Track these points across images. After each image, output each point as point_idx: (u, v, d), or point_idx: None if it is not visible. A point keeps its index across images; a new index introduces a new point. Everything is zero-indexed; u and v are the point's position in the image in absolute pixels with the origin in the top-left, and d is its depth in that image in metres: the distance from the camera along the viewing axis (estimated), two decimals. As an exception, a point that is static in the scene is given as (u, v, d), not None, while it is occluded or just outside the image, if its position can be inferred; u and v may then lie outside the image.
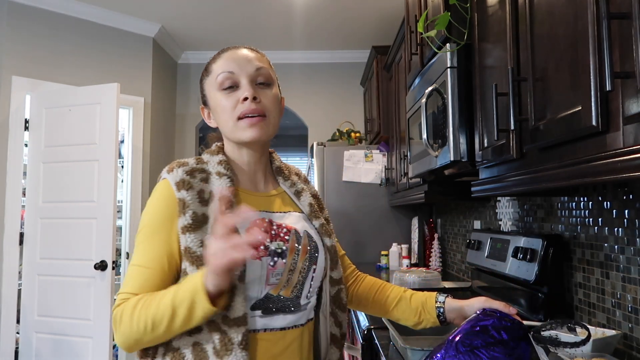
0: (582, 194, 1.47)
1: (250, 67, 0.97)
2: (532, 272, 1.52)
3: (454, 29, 1.49)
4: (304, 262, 0.96)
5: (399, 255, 3.14)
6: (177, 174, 0.92)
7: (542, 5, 0.99)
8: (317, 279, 0.99)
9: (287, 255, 0.93)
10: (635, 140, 0.70)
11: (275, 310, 0.91)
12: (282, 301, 0.92)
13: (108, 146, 2.96)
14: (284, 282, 0.92)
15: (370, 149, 3.45)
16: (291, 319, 0.93)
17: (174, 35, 3.99)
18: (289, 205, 1.05)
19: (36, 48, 3.17)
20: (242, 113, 0.95)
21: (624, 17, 0.69)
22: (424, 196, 2.27)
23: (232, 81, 0.97)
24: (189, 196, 0.89)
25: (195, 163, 0.96)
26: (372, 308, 1.15)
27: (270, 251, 0.91)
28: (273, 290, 0.91)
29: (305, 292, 0.96)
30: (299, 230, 0.99)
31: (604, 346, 1.14)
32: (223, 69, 0.97)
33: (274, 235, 0.94)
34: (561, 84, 0.90)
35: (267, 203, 1.01)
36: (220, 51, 1.03)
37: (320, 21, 3.71)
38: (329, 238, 1.04)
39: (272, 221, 0.96)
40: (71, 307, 2.94)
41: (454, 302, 1.05)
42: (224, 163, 0.97)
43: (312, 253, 0.98)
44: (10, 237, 2.99)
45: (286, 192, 1.07)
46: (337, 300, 1.03)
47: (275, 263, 0.91)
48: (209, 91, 1.01)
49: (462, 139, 1.46)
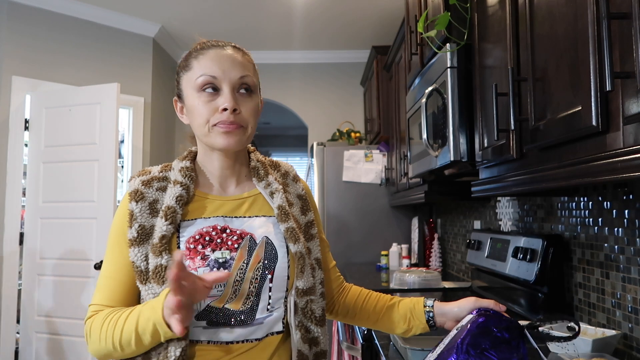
0: (582, 194, 1.47)
1: (234, 73, 0.91)
2: (532, 272, 1.52)
3: (454, 29, 1.49)
4: (255, 272, 0.89)
5: (399, 255, 3.13)
6: (133, 184, 0.92)
7: (542, 5, 0.99)
8: (278, 289, 0.91)
9: (232, 265, 0.87)
10: (635, 140, 0.70)
11: (220, 323, 0.87)
12: (230, 314, 0.87)
13: (108, 146, 2.96)
14: (229, 294, 0.87)
15: (370, 149, 3.45)
16: (240, 333, 0.87)
17: (174, 35, 3.99)
18: (260, 209, 0.98)
19: (36, 48, 3.17)
20: (218, 122, 0.90)
21: (624, 17, 0.69)
22: (424, 196, 2.27)
23: (213, 85, 0.91)
24: (137, 208, 0.88)
25: (158, 171, 0.96)
26: (359, 319, 1.09)
27: (209, 261, 0.86)
28: (216, 303, 0.86)
29: (262, 304, 0.89)
30: (257, 236, 0.92)
31: (604, 346, 1.14)
32: (205, 71, 0.91)
33: (219, 243, 0.89)
34: (561, 84, 0.90)
35: (231, 207, 0.95)
36: (203, 45, 0.95)
37: (320, 21, 3.71)
38: (296, 244, 0.93)
39: (228, 227, 0.91)
40: (71, 307, 2.95)
41: (443, 306, 0.99)
42: (185, 170, 0.95)
43: (267, 261, 0.91)
44: (10, 237, 2.99)
45: (262, 193, 1.00)
46: (308, 313, 0.93)
47: None
48: (185, 87, 0.94)
49: (462, 139, 1.46)
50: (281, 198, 0.98)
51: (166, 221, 0.87)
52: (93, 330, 0.84)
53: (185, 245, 0.88)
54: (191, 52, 0.96)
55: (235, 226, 0.92)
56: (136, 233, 0.86)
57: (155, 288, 0.84)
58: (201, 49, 0.95)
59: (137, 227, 0.87)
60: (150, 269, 0.84)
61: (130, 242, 0.86)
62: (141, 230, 0.87)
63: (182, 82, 0.96)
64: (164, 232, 0.86)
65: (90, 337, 0.85)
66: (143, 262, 0.85)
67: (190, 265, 0.85)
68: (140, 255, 0.86)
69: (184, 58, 0.97)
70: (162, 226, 0.87)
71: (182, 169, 0.95)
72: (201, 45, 0.96)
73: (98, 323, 0.84)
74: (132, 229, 0.87)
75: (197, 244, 0.88)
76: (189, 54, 0.97)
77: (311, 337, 0.94)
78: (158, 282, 0.83)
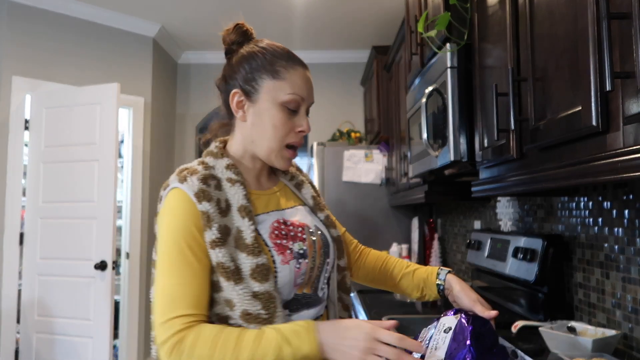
0: (582, 194, 1.47)
1: (312, 97, 0.97)
2: (532, 272, 1.52)
3: (454, 29, 1.49)
4: (320, 258, 0.97)
5: (399, 255, 3.13)
6: (193, 184, 0.86)
7: (542, 5, 0.99)
8: (329, 270, 1.02)
9: (307, 254, 0.94)
10: (635, 140, 0.70)
11: (299, 307, 0.93)
12: (305, 298, 0.94)
13: (108, 146, 2.96)
14: (306, 281, 0.94)
15: (370, 149, 3.45)
16: (313, 312, 0.95)
17: (174, 35, 3.99)
18: (292, 200, 1.04)
19: (36, 48, 3.17)
20: (293, 142, 0.95)
21: (624, 17, 0.69)
22: (424, 196, 2.27)
23: (298, 106, 0.94)
24: (211, 208, 0.85)
25: (203, 169, 0.90)
26: (377, 281, 1.18)
27: (295, 254, 0.91)
28: (298, 290, 0.93)
29: (320, 284, 0.98)
30: (310, 225, 0.99)
31: (604, 346, 1.14)
32: (297, 91, 0.93)
33: (292, 236, 0.93)
34: (561, 84, 0.90)
35: (274, 201, 0.99)
36: (290, 55, 0.96)
37: (320, 21, 3.71)
38: (335, 229, 1.05)
39: (287, 220, 0.96)
40: (71, 307, 2.94)
41: (453, 284, 1.05)
42: (233, 167, 0.93)
43: (325, 248, 0.99)
44: (10, 237, 2.99)
45: (287, 185, 1.07)
46: (342, 285, 1.05)
47: (301, 264, 0.92)
48: (265, 93, 0.93)
49: (462, 139, 1.46)
50: (310, 189, 1.08)
51: (249, 221, 0.88)
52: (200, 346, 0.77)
53: (272, 241, 0.90)
54: (277, 56, 0.95)
55: (288, 218, 0.97)
56: (219, 234, 0.84)
57: (254, 286, 0.84)
58: (291, 60, 0.95)
59: (217, 228, 0.84)
60: (248, 268, 0.84)
61: (213, 243, 0.84)
62: (221, 230, 0.85)
63: (263, 85, 0.94)
64: (253, 232, 0.87)
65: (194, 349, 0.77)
66: (231, 262, 0.84)
67: (283, 260, 0.89)
68: (227, 256, 0.84)
69: (269, 61, 0.94)
70: (249, 226, 0.87)
71: (229, 167, 0.93)
72: (289, 55, 0.96)
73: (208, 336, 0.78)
74: (212, 230, 0.84)
75: (277, 239, 0.91)
76: (275, 57, 0.95)
77: (345, 305, 1.05)
78: (260, 280, 0.84)
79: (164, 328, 0.79)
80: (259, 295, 0.83)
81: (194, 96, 4.43)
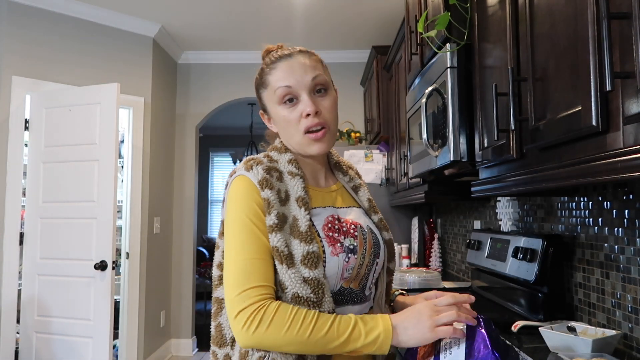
0: (582, 194, 1.47)
1: (307, 77, 0.98)
2: (532, 272, 1.52)
3: (454, 29, 1.49)
4: (370, 257, 1.01)
5: (399, 255, 3.13)
6: (257, 173, 0.94)
7: (542, 5, 0.99)
8: (378, 271, 1.05)
9: (357, 251, 0.97)
10: (635, 140, 0.70)
11: (344, 301, 0.96)
12: (351, 293, 0.97)
13: (108, 146, 2.96)
14: (354, 276, 0.97)
15: (370, 149, 3.45)
16: (358, 309, 0.98)
17: (174, 35, 3.99)
18: (348, 201, 1.09)
19: (36, 48, 3.17)
20: (306, 127, 0.97)
21: (624, 17, 0.69)
22: (424, 196, 2.27)
23: (292, 95, 0.98)
24: (272, 196, 0.92)
25: (268, 161, 0.98)
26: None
27: (344, 248, 0.95)
28: (345, 283, 0.96)
29: (368, 283, 1.01)
30: (363, 225, 1.03)
31: (604, 346, 1.14)
32: (280, 83, 0.98)
33: (345, 232, 0.98)
34: (561, 84, 0.90)
35: (331, 198, 1.05)
36: (273, 58, 1.02)
37: (320, 21, 3.71)
38: (387, 232, 1.09)
39: (340, 217, 1.00)
40: (71, 307, 2.94)
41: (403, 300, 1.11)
42: (294, 162, 1.00)
43: (375, 248, 1.03)
44: (10, 237, 2.99)
45: (345, 187, 1.11)
46: (389, 289, 1.11)
47: (349, 259, 0.95)
48: (268, 103, 1.03)
49: (462, 139, 1.46)
50: (367, 192, 1.12)
51: (305, 211, 0.93)
52: (279, 314, 0.84)
53: (325, 233, 0.95)
54: (263, 68, 1.03)
55: (343, 215, 1.02)
56: (277, 220, 0.90)
57: (304, 272, 0.89)
58: (272, 63, 1.02)
59: (276, 214, 0.91)
60: (300, 254, 0.89)
61: (271, 227, 0.90)
62: (279, 217, 0.91)
63: (264, 99, 1.04)
64: (308, 222, 0.93)
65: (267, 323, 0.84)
66: (285, 247, 0.89)
67: (332, 252, 0.93)
68: (282, 241, 0.89)
69: (258, 75, 1.05)
70: (304, 215, 0.93)
71: (292, 161, 1.00)
72: (271, 59, 1.03)
73: (286, 310, 0.85)
74: (271, 216, 0.90)
75: (330, 232, 0.96)
76: (262, 70, 1.04)
77: (391, 308, 1.11)
78: (310, 267, 0.89)
79: (240, 298, 0.86)
80: (309, 281, 0.88)
81: (194, 96, 4.43)
